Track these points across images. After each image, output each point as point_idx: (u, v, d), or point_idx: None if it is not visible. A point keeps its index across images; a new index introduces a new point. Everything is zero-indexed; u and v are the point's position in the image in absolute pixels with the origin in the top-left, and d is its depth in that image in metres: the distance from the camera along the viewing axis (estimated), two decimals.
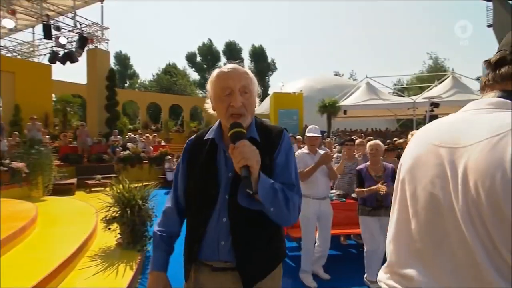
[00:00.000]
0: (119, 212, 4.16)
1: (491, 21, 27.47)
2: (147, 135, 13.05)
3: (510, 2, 27.45)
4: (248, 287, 1.21)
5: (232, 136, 1.14)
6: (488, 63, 0.79)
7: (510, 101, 0.68)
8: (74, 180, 9.04)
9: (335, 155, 5.58)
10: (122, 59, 41.31)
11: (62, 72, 37.50)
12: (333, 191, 4.50)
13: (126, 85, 37.97)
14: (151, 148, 12.25)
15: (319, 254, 3.50)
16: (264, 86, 43.49)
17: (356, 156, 4.61)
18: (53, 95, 15.89)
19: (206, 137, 1.34)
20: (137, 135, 13.41)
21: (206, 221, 1.25)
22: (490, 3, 27.44)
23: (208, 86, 1.30)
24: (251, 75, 1.32)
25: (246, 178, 1.06)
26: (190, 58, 43.26)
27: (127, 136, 12.92)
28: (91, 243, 4.19)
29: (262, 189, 1.11)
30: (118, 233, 4.21)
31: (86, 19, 13.16)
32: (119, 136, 12.35)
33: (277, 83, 23.70)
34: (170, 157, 11.10)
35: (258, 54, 43.10)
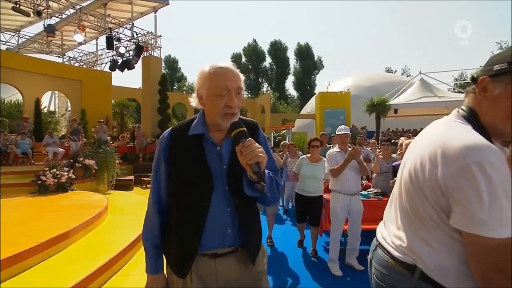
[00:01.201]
0: None
1: None
2: None
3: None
4: (254, 259, 1.39)
5: (236, 135, 1.21)
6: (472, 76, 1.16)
7: (464, 118, 1.03)
8: (132, 177, 10.26)
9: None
10: (171, 63, 44.08)
11: (117, 79, 41.46)
12: (371, 189, 4.79)
13: (174, 87, 40.46)
14: None
15: (350, 247, 3.88)
16: (310, 85, 43.30)
17: (394, 156, 4.84)
18: (112, 100, 17.85)
19: (191, 133, 1.34)
20: None
21: (206, 213, 1.30)
22: None
23: (199, 81, 1.32)
24: (240, 76, 1.35)
25: (258, 173, 1.18)
26: (236, 59, 44.69)
27: None
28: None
29: (267, 180, 1.28)
30: None
31: (142, 29, 14.67)
32: None
33: (324, 82, 23.63)
34: None
35: (304, 52, 43.09)
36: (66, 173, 6.57)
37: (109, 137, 12.57)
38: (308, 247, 4.56)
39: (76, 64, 17.37)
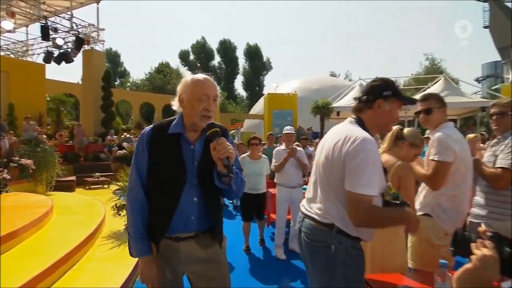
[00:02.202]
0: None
1: (488, 22, 28.80)
2: None
3: (507, 3, 28.72)
4: (220, 243, 1.65)
5: (211, 134, 1.46)
6: (358, 98, 1.73)
7: (355, 122, 1.64)
8: (73, 177, 9.88)
9: None
10: (113, 56, 41.86)
11: (52, 71, 38.17)
12: None
13: (117, 83, 38.56)
14: None
15: (293, 234, 4.46)
16: (259, 85, 44.31)
17: None
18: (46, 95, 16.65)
19: (171, 131, 1.56)
20: (131, 135, 14.25)
21: (177, 201, 1.52)
22: (487, 4, 28.66)
23: (181, 88, 1.57)
24: (216, 86, 1.63)
25: (228, 165, 1.42)
26: (183, 56, 43.99)
27: (122, 136, 13.77)
28: (103, 228, 5.03)
29: (234, 173, 1.52)
30: (125, 220, 5.09)
31: (83, 20, 14.02)
32: (115, 136, 13.21)
33: (272, 83, 24.57)
34: None
35: (253, 53, 43.95)
36: None
37: (45, 135, 11.87)
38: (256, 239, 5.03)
39: (2, 53, 15.89)
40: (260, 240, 4.89)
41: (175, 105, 1.60)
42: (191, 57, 44.38)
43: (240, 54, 44.73)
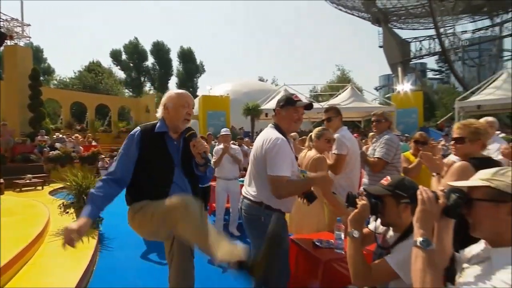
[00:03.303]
0: (75, 199, 4.97)
1: (382, 43, 33.29)
2: (77, 135, 12.99)
3: (394, 29, 33.58)
4: (206, 208, 2.25)
5: (190, 134, 1.86)
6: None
7: (274, 127, 2.18)
8: (1, 180, 8.90)
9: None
10: (35, 52, 37.13)
11: None
12: None
13: (41, 79, 34.30)
14: (81, 148, 12.31)
15: (231, 219, 5.02)
16: (193, 87, 43.65)
17: None
18: None
19: (157, 131, 1.88)
20: (64, 135, 13.20)
21: (170, 183, 1.87)
22: (381, 29, 33.23)
23: (166, 99, 1.93)
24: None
25: (205, 158, 1.84)
26: (115, 55, 41.13)
27: (54, 136, 12.67)
28: (49, 227, 4.88)
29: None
30: (73, 217, 5.01)
31: (5, 14, 12.44)
32: (46, 136, 12.10)
33: (206, 86, 24.81)
34: (103, 156, 11.44)
35: (187, 56, 43.14)
36: None
37: None
38: None
39: None
40: None
41: (159, 111, 1.93)
42: (124, 56, 41.72)
43: (174, 56, 43.59)
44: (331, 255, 2.01)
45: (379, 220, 1.53)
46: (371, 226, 1.64)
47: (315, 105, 21.42)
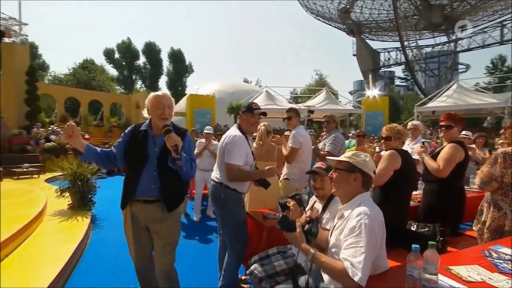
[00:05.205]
0: (70, 184, 5.18)
1: (355, 52, 34.42)
2: None
3: (366, 40, 34.68)
4: (170, 210, 1.98)
5: (165, 131, 1.87)
6: None
7: (237, 127, 2.56)
8: (1, 168, 8.89)
9: None
10: (29, 47, 35.88)
11: None
12: None
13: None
14: None
15: (209, 204, 5.39)
16: (182, 86, 43.38)
17: None
18: None
19: (141, 129, 2.03)
20: (59, 128, 13.12)
21: (141, 173, 1.95)
22: (355, 39, 34.36)
23: (147, 101, 2.03)
24: (172, 98, 2.09)
25: (176, 150, 1.81)
26: (108, 54, 40.29)
27: (49, 129, 12.60)
28: (47, 209, 5.07)
29: (182, 158, 1.89)
30: (68, 200, 5.24)
31: (3, 13, 12.19)
32: (41, 129, 12.03)
33: (194, 85, 24.95)
34: None
35: (177, 56, 42.76)
36: None
37: None
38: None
39: None
40: (184, 214, 5.52)
41: (145, 112, 2.09)
42: (116, 55, 40.93)
43: (164, 56, 43.12)
44: (274, 223, 2.41)
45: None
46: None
47: (294, 106, 22.05)
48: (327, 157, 1.78)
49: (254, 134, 3.59)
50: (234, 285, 2.49)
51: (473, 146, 5.08)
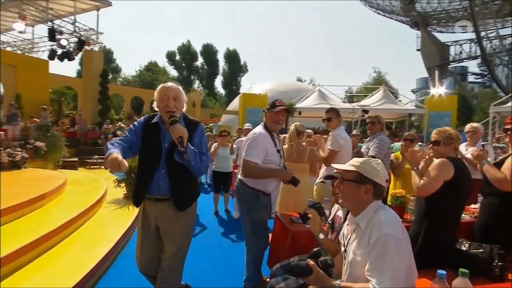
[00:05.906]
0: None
1: (420, 46, 31.25)
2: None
3: (433, 33, 31.20)
4: (180, 210, 1.83)
5: (170, 121, 1.74)
6: None
7: (262, 125, 2.51)
8: (76, 159, 10.27)
9: None
10: (106, 54, 40.60)
11: (51, 66, 36.18)
12: None
13: (109, 77, 37.48)
14: None
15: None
16: (236, 85, 44.73)
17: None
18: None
19: (153, 121, 1.89)
20: (124, 125, 14.61)
21: (154, 171, 1.82)
22: (419, 32, 31.16)
23: (155, 94, 1.89)
24: (180, 89, 1.91)
25: (181, 142, 1.67)
26: (170, 56, 43.51)
27: (117, 125, 14.12)
28: (106, 196, 5.69)
29: (189, 150, 1.73)
30: (124, 190, 5.78)
31: (84, 25, 14.06)
32: (110, 125, 13.56)
33: (247, 85, 25.53)
34: None
35: (232, 57, 44.27)
36: (20, 152, 6.72)
37: (50, 123, 12.03)
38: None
39: (9, 49, 15.51)
40: (225, 210, 5.68)
41: (155, 106, 1.95)
42: (177, 57, 43.98)
43: (220, 57, 44.94)
44: (299, 228, 2.30)
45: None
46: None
47: (347, 105, 21.03)
48: (333, 165, 1.59)
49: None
50: (255, 285, 2.45)
51: None
